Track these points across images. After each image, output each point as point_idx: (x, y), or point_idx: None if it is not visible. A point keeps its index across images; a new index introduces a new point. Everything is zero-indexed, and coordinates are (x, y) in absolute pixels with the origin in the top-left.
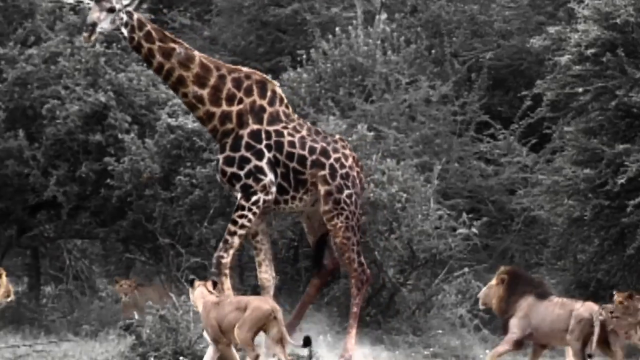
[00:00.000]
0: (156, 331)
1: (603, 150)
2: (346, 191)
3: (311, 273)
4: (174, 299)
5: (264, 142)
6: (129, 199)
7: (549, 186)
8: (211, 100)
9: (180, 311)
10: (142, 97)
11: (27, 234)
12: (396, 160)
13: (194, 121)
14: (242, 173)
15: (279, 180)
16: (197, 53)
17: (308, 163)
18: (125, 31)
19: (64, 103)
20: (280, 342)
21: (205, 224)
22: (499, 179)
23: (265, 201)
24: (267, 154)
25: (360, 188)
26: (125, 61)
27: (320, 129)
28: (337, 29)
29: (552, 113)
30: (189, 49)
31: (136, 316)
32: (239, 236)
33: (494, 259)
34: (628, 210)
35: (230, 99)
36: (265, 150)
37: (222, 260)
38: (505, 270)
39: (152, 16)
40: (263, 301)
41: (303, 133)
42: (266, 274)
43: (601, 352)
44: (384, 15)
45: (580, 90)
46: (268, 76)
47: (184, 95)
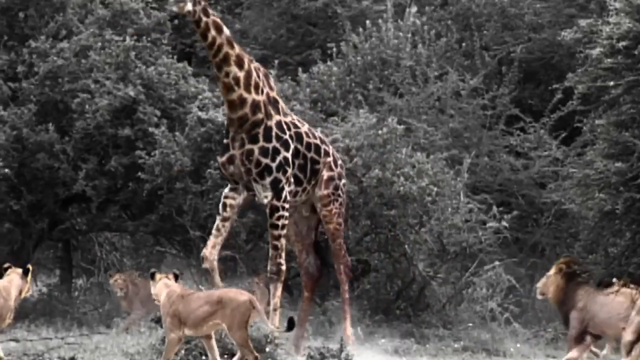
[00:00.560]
0: None
1: (634, 144)
2: (343, 180)
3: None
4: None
5: (287, 134)
6: (160, 192)
7: (579, 180)
8: (245, 85)
9: None
10: (172, 91)
11: (59, 227)
12: (426, 153)
13: (224, 114)
14: (274, 165)
15: (295, 171)
16: None
17: (322, 152)
18: (189, 4)
19: (93, 97)
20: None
21: (236, 217)
22: (529, 172)
23: (289, 192)
24: (292, 145)
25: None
26: (155, 54)
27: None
28: (368, 22)
29: (583, 106)
30: None
31: (139, 309)
32: (284, 236)
33: (524, 253)
34: None
35: (256, 87)
36: (290, 141)
37: (282, 267)
38: (564, 259)
39: None
40: (237, 293)
41: (304, 124)
42: (213, 256)
43: None
44: (414, 9)
45: (611, 83)
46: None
47: (226, 75)
